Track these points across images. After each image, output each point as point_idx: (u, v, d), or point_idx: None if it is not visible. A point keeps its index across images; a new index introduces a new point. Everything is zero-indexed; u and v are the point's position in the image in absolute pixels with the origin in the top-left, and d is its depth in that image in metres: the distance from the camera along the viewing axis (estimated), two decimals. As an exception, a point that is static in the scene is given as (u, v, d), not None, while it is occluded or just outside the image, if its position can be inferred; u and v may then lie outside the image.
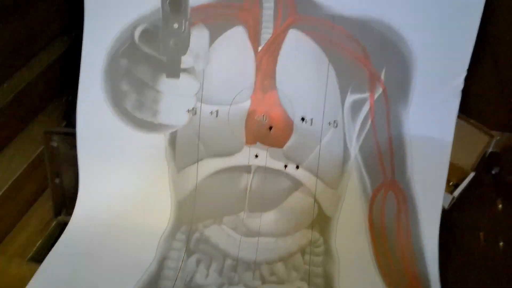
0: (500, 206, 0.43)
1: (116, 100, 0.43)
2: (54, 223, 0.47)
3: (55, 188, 0.47)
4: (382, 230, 0.42)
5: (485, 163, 0.43)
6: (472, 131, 0.42)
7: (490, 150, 0.43)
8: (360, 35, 0.39)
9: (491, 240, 0.41)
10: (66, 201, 0.48)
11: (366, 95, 0.41)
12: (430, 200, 0.41)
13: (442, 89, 0.39)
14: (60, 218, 0.48)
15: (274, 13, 0.40)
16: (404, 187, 0.42)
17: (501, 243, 0.41)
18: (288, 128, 0.43)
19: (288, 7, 0.39)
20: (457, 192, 0.43)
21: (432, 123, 0.41)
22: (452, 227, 0.39)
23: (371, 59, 0.40)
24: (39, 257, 0.44)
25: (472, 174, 0.44)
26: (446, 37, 0.38)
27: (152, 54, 0.42)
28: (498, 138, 0.44)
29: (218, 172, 0.44)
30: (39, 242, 0.45)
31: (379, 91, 0.41)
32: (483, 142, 0.43)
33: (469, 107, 0.38)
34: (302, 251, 0.42)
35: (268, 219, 0.44)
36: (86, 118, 0.43)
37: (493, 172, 0.45)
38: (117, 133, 0.43)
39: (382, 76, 0.40)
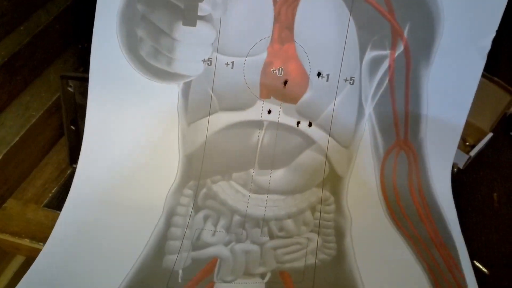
0: None
1: (131, 46, 0.41)
2: (69, 171, 0.46)
3: (71, 135, 0.46)
4: (395, 189, 0.41)
5: (504, 124, 0.41)
6: (493, 90, 0.40)
7: (510, 111, 0.41)
8: (386, -14, 0.37)
9: (504, 201, 0.39)
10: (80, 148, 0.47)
11: (387, 52, 0.39)
12: (440, 161, 0.40)
13: (467, 49, 0.37)
14: (75, 166, 0.47)
15: (297, -40, 0.38)
16: (416, 147, 0.40)
17: None
18: (303, 83, 0.41)
19: (312, -46, 0.37)
20: (473, 152, 0.41)
21: (452, 85, 0.38)
22: (466, 187, 0.38)
23: (395, 13, 0.38)
24: (54, 204, 0.43)
25: (490, 135, 0.42)
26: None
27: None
28: None
29: (230, 127, 0.42)
30: (54, 189, 0.44)
31: (400, 48, 0.39)
32: (504, 102, 0.41)
33: (494, 65, 0.36)
34: (312, 209, 0.41)
35: (278, 176, 0.42)
36: (100, 63, 0.42)
37: (511, 133, 0.43)
38: (130, 80, 0.42)
39: (406, 33, 0.38)
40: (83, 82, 0.44)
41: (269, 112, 0.42)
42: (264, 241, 0.38)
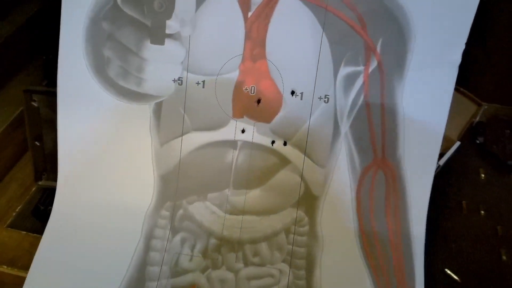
0: (483, 175, 0.42)
1: (99, 66, 0.39)
2: (34, 188, 0.44)
3: (36, 151, 0.44)
4: (370, 211, 0.39)
5: (470, 133, 0.41)
6: (460, 100, 0.39)
7: (477, 119, 0.40)
8: (357, 1, 0.35)
9: (473, 208, 0.40)
10: (47, 165, 0.44)
11: (361, 67, 0.37)
12: (420, 180, 0.38)
13: (439, 63, 0.35)
14: (41, 183, 0.45)
15: (265, -25, 0.36)
16: (394, 166, 0.38)
17: (482, 212, 0.41)
18: (277, 102, 0.39)
19: (281, -31, 0.35)
20: (442, 161, 0.40)
21: (427, 98, 0.37)
22: (436, 195, 0.37)
23: (367, 29, 0.36)
24: (18, 224, 0.41)
25: (457, 143, 0.42)
26: (447, 7, 0.34)
27: (136, 17, 0.37)
28: (485, 107, 0.42)
29: (203, 147, 0.40)
30: (18, 208, 0.42)
31: (374, 63, 0.37)
32: (471, 111, 0.41)
33: (460, 75, 0.35)
34: (287, 231, 0.39)
35: (253, 196, 0.40)
36: (67, 85, 0.39)
37: (477, 141, 0.42)
38: (100, 102, 0.39)
39: (378, 47, 0.36)
40: (48, 96, 0.42)
41: (243, 131, 0.40)
42: (239, 268, 0.37)
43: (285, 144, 0.39)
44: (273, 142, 0.40)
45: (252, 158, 0.40)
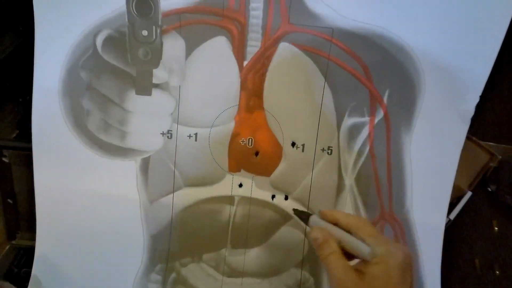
0: (496, 228, 0.39)
1: (77, 119, 0.34)
2: (7, 247, 0.40)
3: (8, 209, 0.39)
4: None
5: (482, 180, 0.37)
6: (472, 148, 0.36)
7: (491, 169, 0.37)
8: (362, 51, 0.31)
9: (487, 266, 0.36)
10: (21, 223, 0.40)
11: (366, 119, 0.34)
12: (429, 233, 0.35)
13: (450, 115, 0.33)
14: (15, 242, 0.40)
15: (263, 22, 0.32)
16: (402, 220, 0.35)
17: (497, 272, 0.37)
18: (276, 154, 0.35)
19: (280, 16, 0.31)
20: (453, 215, 0.37)
21: (436, 151, 0.34)
22: (448, 252, 0.34)
23: (373, 79, 0.32)
24: None
25: (469, 194, 0.38)
26: (462, 58, 0.31)
27: (118, 66, 0.33)
28: (500, 157, 0.38)
29: (197, 204, 0.36)
30: None
31: (380, 114, 0.34)
32: (483, 161, 0.38)
33: (472, 124, 0.32)
34: (291, 294, 0.35)
35: (253, 256, 0.36)
36: (43, 140, 0.34)
37: (489, 189, 0.39)
38: (80, 158, 0.35)
39: (385, 98, 0.33)
40: (20, 151, 0.37)
41: (240, 185, 0.36)
42: None
43: (286, 198, 0.36)
44: (273, 196, 0.36)
45: (251, 214, 0.36)
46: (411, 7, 0.30)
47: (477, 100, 0.32)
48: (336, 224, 0.26)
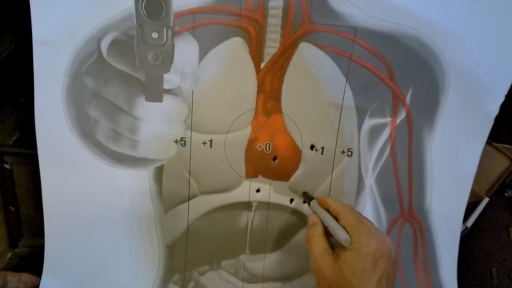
0: None
1: (84, 129, 0.32)
2: (9, 255, 0.38)
3: (9, 217, 0.37)
4: (399, 265, 0.36)
5: (500, 186, 0.37)
6: (491, 153, 0.35)
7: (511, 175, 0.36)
8: (386, 51, 0.30)
9: (504, 276, 0.36)
10: (23, 231, 0.38)
11: (387, 119, 0.33)
12: (448, 232, 0.35)
13: (473, 115, 0.32)
14: (17, 250, 0.38)
15: (282, 21, 0.29)
16: (421, 218, 0.35)
17: None
18: (295, 158, 0.34)
19: (301, 15, 0.29)
20: (469, 223, 0.37)
21: (457, 151, 0.33)
22: (464, 261, 0.33)
23: (396, 79, 0.31)
24: None
25: (486, 200, 0.38)
26: (487, 56, 0.30)
27: (125, 71, 0.30)
28: None
29: (214, 211, 0.34)
30: None
31: (402, 115, 0.32)
32: (503, 166, 0.37)
33: (493, 128, 0.31)
34: (314, 298, 0.35)
35: (272, 261, 0.35)
36: (49, 151, 0.32)
37: (506, 194, 0.39)
38: (89, 169, 0.32)
39: (408, 99, 0.32)
40: (22, 157, 0.35)
41: (258, 191, 0.34)
42: None
43: (304, 201, 0.35)
44: (291, 200, 0.35)
45: (269, 219, 0.35)
46: (439, 6, 0.29)
47: (502, 99, 0.31)
48: (328, 210, 0.29)
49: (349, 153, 0.34)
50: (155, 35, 0.29)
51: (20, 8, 0.29)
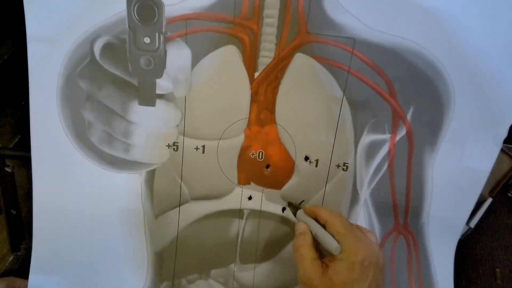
0: None
1: (79, 131, 0.32)
2: (11, 258, 0.39)
3: (11, 220, 0.38)
4: (392, 278, 0.35)
5: (503, 185, 0.35)
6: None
7: None
8: (387, 65, 0.28)
9: (508, 276, 0.35)
10: (25, 234, 0.39)
11: (387, 136, 0.31)
12: (443, 247, 0.34)
13: (480, 136, 0.30)
14: (19, 253, 0.39)
15: (277, 30, 0.28)
16: (416, 232, 0.34)
17: None
18: (288, 168, 0.33)
19: (297, 25, 0.28)
20: (473, 223, 0.35)
21: (461, 173, 0.31)
22: (467, 261, 0.32)
23: (397, 95, 0.29)
24: None
25: (489, 200, 0.37)
26: (497, 75, 0.27)
27: (118, 75, 0.30)
28: None
29: (204, 218, 0.34)
30: None
31: (402, 132, 0.31)
32: (506, 166, 0.35)
33: None
34: (302, 310, 0.34)
35: (263, 271, 0.35)
36: (43, 152, 0.32)
37: (509, 194, 0.37)
38: (82, 171, 0.33)
39: (409, 116, 0.30)
40: (23, 161, 0.35)
41: (250, 198, 0.34)
42: None
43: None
44: (283, 209, 0.34)
45: (260, 228, 0.35)
46: (445, 21, 0.26)
47: (511, 122, 0.28)
48: (316, 219, 0.28)
49: (345, 167, 0.32)
50: (147, 40, 0.29)
51: (21, 11, 0.29)
